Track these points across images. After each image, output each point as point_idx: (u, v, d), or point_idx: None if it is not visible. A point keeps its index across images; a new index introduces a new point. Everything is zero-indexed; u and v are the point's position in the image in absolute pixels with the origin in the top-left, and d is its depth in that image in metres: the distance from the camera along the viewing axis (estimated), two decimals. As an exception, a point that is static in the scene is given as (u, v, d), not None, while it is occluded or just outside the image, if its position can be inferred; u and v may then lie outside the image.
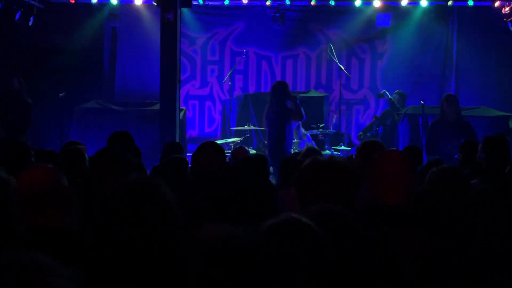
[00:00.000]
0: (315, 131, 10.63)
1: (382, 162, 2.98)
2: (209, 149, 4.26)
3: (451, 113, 8.42)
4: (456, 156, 5.95)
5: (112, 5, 11.96)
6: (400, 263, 2.24)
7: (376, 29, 12.49)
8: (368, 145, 4.57)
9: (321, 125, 10.81)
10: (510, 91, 12.00)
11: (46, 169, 2.82)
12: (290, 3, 11.81)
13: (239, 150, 6.44)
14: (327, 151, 10.22)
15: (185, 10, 11.03)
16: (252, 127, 10.93)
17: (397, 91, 11.39)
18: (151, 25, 11.94)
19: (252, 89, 13.00)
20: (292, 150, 10.08)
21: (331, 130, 10.97)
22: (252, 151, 9.66)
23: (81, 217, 2.95)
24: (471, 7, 11.77)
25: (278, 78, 13.07)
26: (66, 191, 2.75)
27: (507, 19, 11.04)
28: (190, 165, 4.34)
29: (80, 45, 12.00)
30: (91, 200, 3.22)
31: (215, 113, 13.11)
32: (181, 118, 10.51)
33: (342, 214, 2.18)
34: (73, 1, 11.74)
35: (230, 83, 11.65)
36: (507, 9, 10.99)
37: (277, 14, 11.96)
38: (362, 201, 2.94)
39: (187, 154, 8.08)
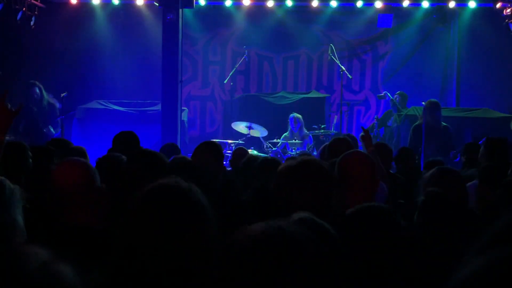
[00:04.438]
0: (316, 132, 10.63)
1: (346, 164, 2.98)
2: (205, 150, 4.26)
3: (429, 118, 8.91)
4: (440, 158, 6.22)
5: (114, 5, 11.97)
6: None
7: (378, 30, 12.49)
8: (336, 143, 4.59)
9: (322, 126, 10.82)
10: (511, 93, 11.99)
11: (81, 164, 2.75)
12: (292, 4, 11.82)
13: (239, 150, 6.44)
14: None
15: (186, 11, 11.03)
16: (253, 128, 10.91)
17: (398, 92, 11.39)
18: (153, 25, 11.94)
19: (253, 90, 13.00)
20: (293, 151, 10.10)
21: (332, 131, 10.97)
22: (253, 152, 9.66)
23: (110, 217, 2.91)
24: (473, 8, 11.77)
25: (280, 79, 13.10)
26: (99, 188, 2.70)
27: (508, 20, 11.03)
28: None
29: (82, 45, 12.01)
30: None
31: (216, 114, 13.12)
32: (182, 118, 10.51)
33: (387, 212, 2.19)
34: (76, 3, 11.75)
35: (231, 83, 11.65)
36: (508, 10, 10.98)
37: (278, 15, 11.98)
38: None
39: (188, 154, 8.08)
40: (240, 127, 10.77)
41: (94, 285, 1.82)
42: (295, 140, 10.39)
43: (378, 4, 11.62)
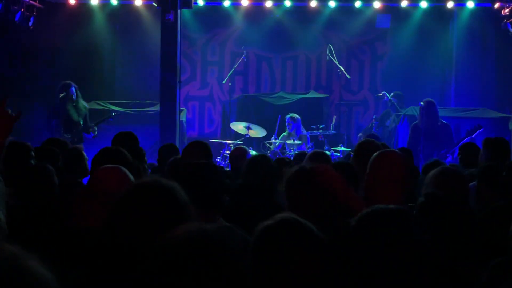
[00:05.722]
0: (315, 132, 10.64)
1: (381, 163, 2.97)
2: (192, 150, 4.26)
3: (426, 118, 8.93)
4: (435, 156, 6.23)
5: (112, 5, 11.96)
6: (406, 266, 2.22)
7: (376, 30, 12.50)
8: (363, 146, 4.55)
9: (321, 126, 10.81)
10: (509, 93, 12.00)
11: (118, 170, 2.75)
12: (290, 4, 11.82)
13: (237, 150, 6.42)
14: (327, 152, 10.22)
15: (185, 11, 11.02)
16: (252, 128, 10.90)
17: (394, 92, 11.40)
18: (151, 26, 11.93)
19: (252, 90, 13.00)
20: (291, 151, 10.10)
21: (331, 131, 10.97)
22: (252, 152, 9.66)
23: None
24: (471, 9, 11.78)
25: (278, 79, 13.10)
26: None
27: (506, 20, 11.04)
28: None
29: (80, 45, 11.98)
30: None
31: (215, 114, 13.12)
32: (181, 119, 10.51)
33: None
34: (75, 3, 11.75)
35: (230, 84, 11.65)
36: (506, 10, 10.99)
37: (277, 16, 11.98)
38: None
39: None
40: (239, 127, 10.77)
41: (72, 282, 1.83)
42: (293, 140, 10.38)
43: (377, 5, 11.62)
